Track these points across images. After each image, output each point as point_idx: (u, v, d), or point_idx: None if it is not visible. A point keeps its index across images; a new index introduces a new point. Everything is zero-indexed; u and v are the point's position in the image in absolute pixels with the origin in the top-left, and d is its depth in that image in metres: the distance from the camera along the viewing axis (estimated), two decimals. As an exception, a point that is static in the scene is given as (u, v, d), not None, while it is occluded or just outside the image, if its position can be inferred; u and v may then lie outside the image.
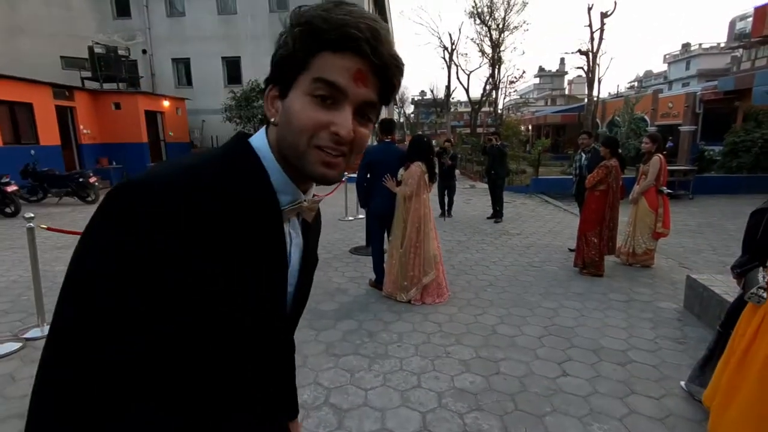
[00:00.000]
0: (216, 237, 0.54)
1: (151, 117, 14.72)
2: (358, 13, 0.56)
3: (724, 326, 2.50)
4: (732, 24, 34.71)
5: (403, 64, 0.60)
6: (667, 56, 44.14)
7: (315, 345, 3.17)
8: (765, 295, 1.96)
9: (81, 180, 9.82)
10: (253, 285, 0.59)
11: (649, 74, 54.57)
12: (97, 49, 13.93)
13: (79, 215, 8.74)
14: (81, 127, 12.91)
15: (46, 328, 3.36)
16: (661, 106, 19.66)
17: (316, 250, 0.82)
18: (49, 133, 11.59)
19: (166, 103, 15.32)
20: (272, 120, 0.62)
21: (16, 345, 3.15)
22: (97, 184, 10.16)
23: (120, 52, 14.61)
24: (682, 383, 2.62)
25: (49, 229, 3.82)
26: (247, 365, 0.64)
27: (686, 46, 41.80)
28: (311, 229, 0.74)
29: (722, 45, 37.48)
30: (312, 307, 3.77)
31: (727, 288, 3.34)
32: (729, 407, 2.04)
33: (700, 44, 40.17)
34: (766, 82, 13.82)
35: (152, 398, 0.55)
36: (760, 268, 2.07)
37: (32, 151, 10.53)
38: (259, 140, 0.63)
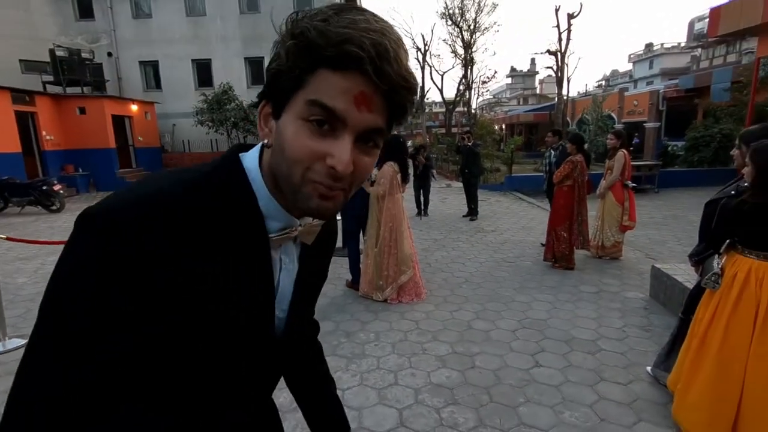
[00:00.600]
0: (196, 258, 0.51)
1: (119, 122, 14.28)
2: (362, 24, 0.47)
3: (685, 312, 2.61)
4: (691, 25, 36.36)
5: (416, 83, 0.52)
6: (631, 56, 45.81)
7: (291, 348, 3.14)
8: (720, 280, 2.06)
9: (44, 188, 9.43)
10: (233, 309, 0.56)
11: (615, 73, 56.50)
12: (59, 52, 13.42)
13: (42, 225, 8.39)
14: (43, 133, 12.40)
15: (9, 342, 3.22)
16: (627, 104, 20.38)
17: (322, 271, 0.77)
18: (8, 140, 11.08)
19: (134, 107, 14.88)
20: (266, 141, 0.56)
21: (-25, 361, 3.00)
22: (62, 191, 9.78)
23: (84, 55, 14.11)
24: (648, 368, 2.72)
25: (8, 239, 3.66)
26: (236, 369, 0.62)
27: (649, 46, 43.47)
28: (312, 253, 0.67)
29: (683, 45, 39.17)
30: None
31: (688, 276, 3.49)
32: (690, 390, 2.14)
33: (662, 44, 41.87)
34: (723, 80, 14.56)
35: (141, 399, 0.53)
36: (715, 256, 2.18)
37: (-10, 159, 10.06)
38: (251, 160, 0.58)
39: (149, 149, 15.50)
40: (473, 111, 25.72)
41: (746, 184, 2.00)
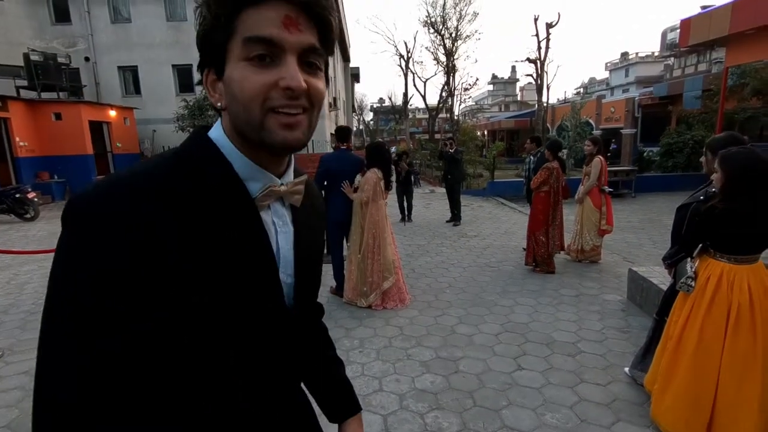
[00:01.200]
0: (186, 234, 0.52)
1: (97, 128, 13.95)
2: None
3: (660, 314, 2.69)
4: (664, 35, 37.67)
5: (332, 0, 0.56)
6: (608, 64, 47.13)
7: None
8: (693, 284, 2.14)
9: (18, 196, 9.13)
10: (237, 279, 0.57)
11: (593, 81, 58.00)
12: (34, 56, 13.05)
13: (15, 234, 8.12)
14: (17, 139, 12.03)
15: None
16: (605, 111, 20.95)
17: (320, 236, 0.77)
18: (-21, 147, 10.71)
19: (112, 113, 14.57)
20: (219, 105, 0.58)
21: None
22: (36, 199, 9.48)
23: (60, 59, 13.75)
24: (626, 369, 2.79)
25: (-21, 249, 3.54)
26: (245, 357, 0.60)
27: (625, 55, 44.80)
28: (304, 215, 0.69)
29: (656, 54, 40.49)
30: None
31: (663, 279, 3.60)
32: (667, 390, 2.20)
33: (636, 53, 43.19)
34: (694, 88, 15.11)
35: (144, 396, 0.53)
36: (688, 259, 2.26)
37: (-40, 166, 9.69)
38: (215, 131, 0.60)
39: (128, 155, 15.17)
40: (456, 117, 26.03)
41: (714, 189, 2.09)
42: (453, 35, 23.87)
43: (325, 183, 4.26)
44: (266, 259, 0.60)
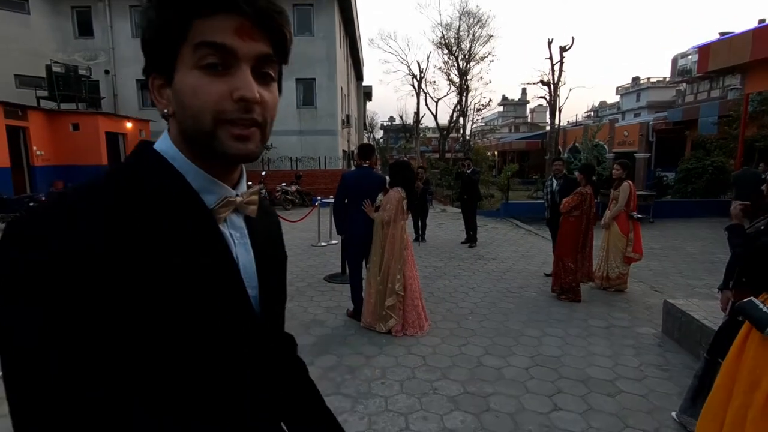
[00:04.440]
0: (134, 253, 0.48)
1: (113, 139, 14.09)
2: None
3: (711, 353, 2.48)
4: (674, 61, 37.90)
5: (283, 8, 0.55)
6: (619, 88, 47.17)
7: (292, 385, 2.93)
8: None
9: (32, 204, 9.12)
10: (202, 292, 0.53)
11: (603, 105, 58.07)
12: (56, 68, 13.32)
13: (27, 243, 8.08)
14: (34, 148, 12.16)
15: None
16: (618, 135, 20.82)
17: (280, 246, 0.74)
18: (-3, 154, 10.82)
19: (128, 125, 14.75)
20: (165, 111, 0.56)
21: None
22: (49, 208, 9.49)
23: (81, 71, 14.03)
24: (674, 414, 2.57)
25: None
26: (216, 370, 0.56)
27: (636, 80, 44.89)
28: (259, 226, 0.66)
29: (667, 79, 40.56)
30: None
31: (705, 313, 3.38)
32: None
33: (648, 78, 43.28)
34: (710, 113, 14.98)
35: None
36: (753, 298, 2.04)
37: (-24, 174, 9.76)
38: (163, 142, 0.57)
39: (142, 167, 15.29)
40: (467, 137, 26.07)
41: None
42: (467, 56, 24.10)
43: (346, 201, 4.13)
44: (231, 270, 0.58)
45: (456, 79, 24.48)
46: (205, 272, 0.54)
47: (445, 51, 24.46)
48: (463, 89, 24.19)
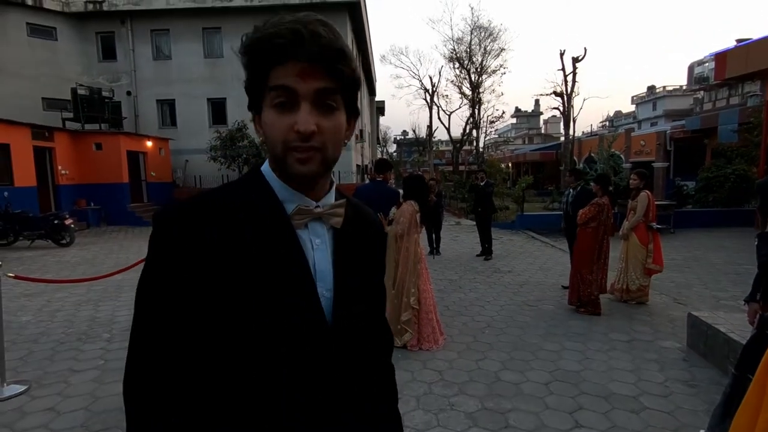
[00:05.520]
0: (231, 244, 0.64)
1: (134, 157, 14.52)
2: (285, 20, 0.62)
3: (740, 368, 2.39)
4: (691, 69, 37.34)
5: (340, 47, 0.63)
6: (634, 97, 46.63)
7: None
8: None
9: (56, 222, 9.44)
10: (275, 282, 0.65)
11: (618, 114, 57.41)
12: (81, 91, 13.87)
13: (51, 259, 8.31)
14: (59, 167, 12.60)
15: (6, 389, 3.02)
16: (634, 144, 20.54)
17: (372, 262, 0.80)
18: (24, 174, 11.25)
19: (149, 144, 15.19)
20: (261, 139, 0.70)
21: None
22: (73, 226, 9.77)
23: (104, 93, 14.57)
24: (702, 432, 2.47)
25: (16, 277, 3.55)
26: (284, 367, 0.65)
27: (651, 89, 44.35)
28: (348, 239, 0.74)
29: (684, 87, 39.95)
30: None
31: (732, 326, 3.27)
32: None
33: (664, 87, 42.70)
34: (729, 121, 14.65)
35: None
36: None
37: (5, 193, 10.14)
38: (266, 164, 0.72)
39: (161, 184, 15.66)
40: (481, 150, 26.02)
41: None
42: (479, 69, 24.21)
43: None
44: (301, 266, 0.67)
45: (468, 92, 24.56)
46: (280, 265, 0.66)
47: (457, 65, 24.63)
48: (475, 102, 24.23)
